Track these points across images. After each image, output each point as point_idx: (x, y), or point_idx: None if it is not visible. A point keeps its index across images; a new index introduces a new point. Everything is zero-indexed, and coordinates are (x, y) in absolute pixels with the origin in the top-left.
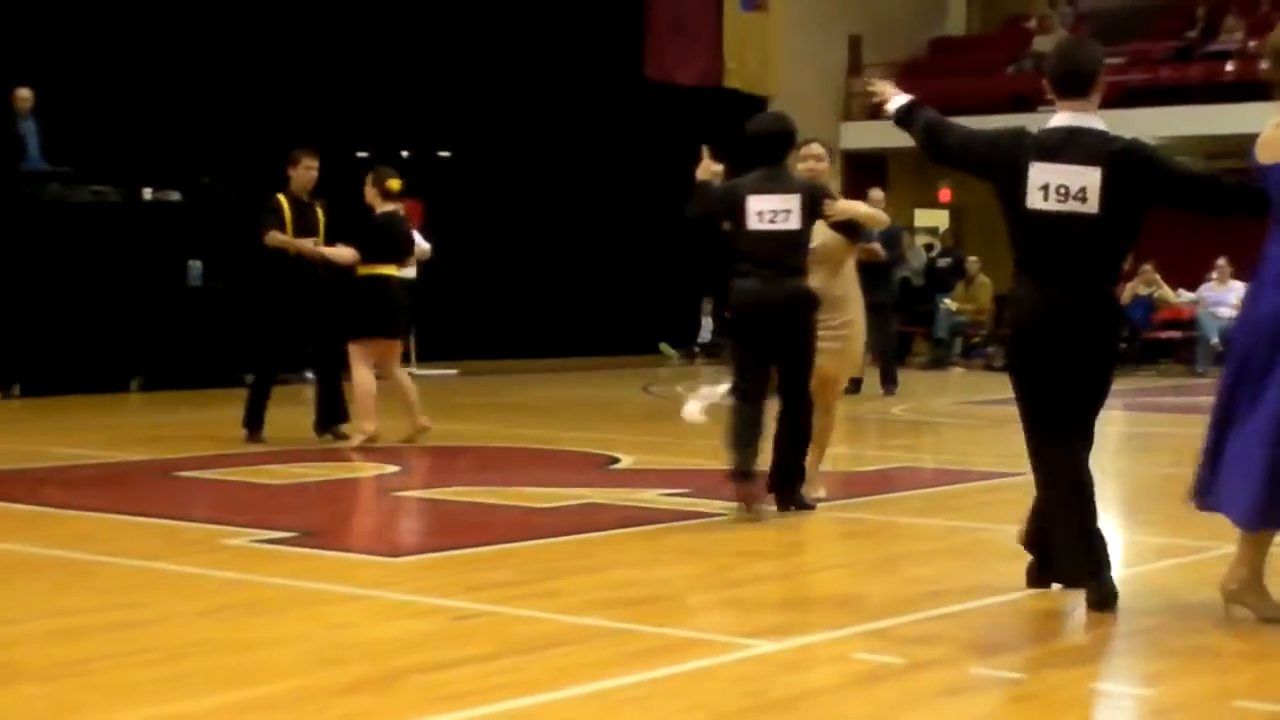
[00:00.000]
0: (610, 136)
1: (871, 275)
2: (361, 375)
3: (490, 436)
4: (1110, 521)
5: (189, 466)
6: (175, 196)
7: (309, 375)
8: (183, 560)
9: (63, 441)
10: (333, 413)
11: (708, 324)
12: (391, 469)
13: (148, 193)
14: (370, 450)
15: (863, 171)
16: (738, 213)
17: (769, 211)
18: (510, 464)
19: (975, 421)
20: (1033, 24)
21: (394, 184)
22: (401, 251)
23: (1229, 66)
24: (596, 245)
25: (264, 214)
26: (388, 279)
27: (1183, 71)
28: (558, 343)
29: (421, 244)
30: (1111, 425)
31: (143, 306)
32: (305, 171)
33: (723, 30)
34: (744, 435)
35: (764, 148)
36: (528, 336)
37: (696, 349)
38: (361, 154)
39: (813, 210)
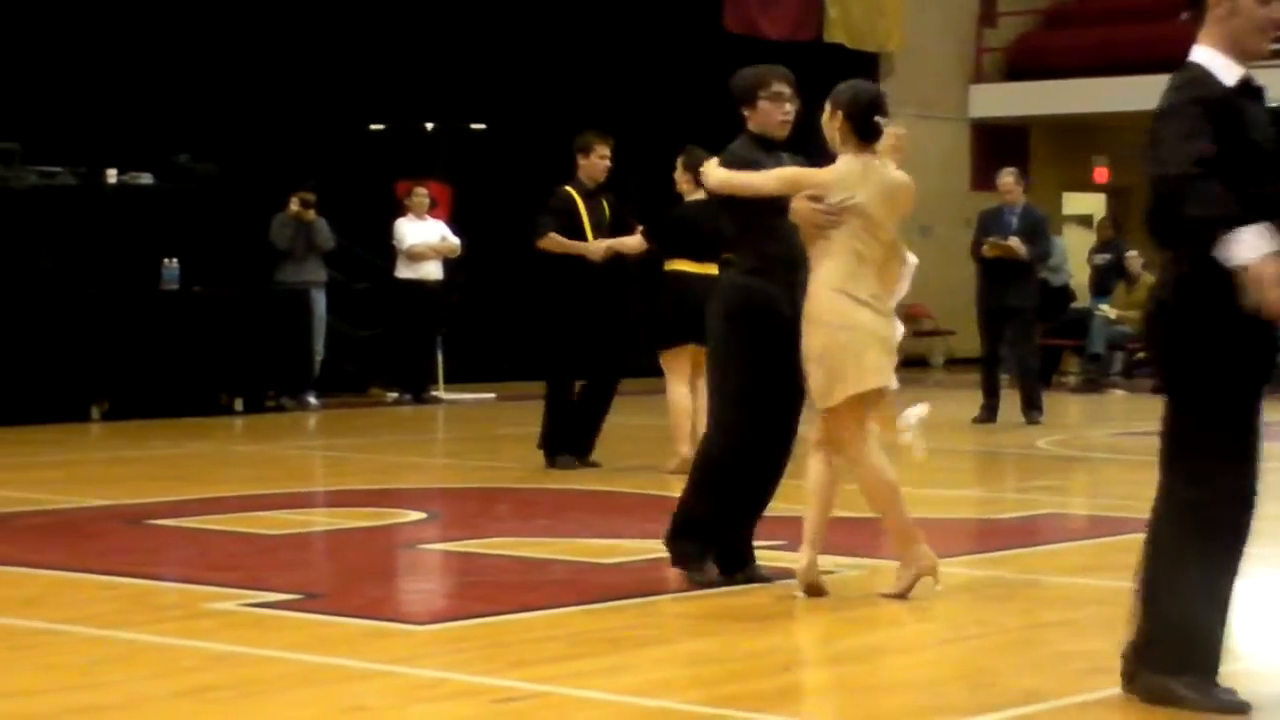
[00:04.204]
0: (683, 102)
1: (1010, 276)
2: (678, 391)
3: (537, 476)
4: None
5: (163, 513)
6: (146, 180)
7: (311, 400)
8: (156, 629)
9: (7, 482)
10: (590, 433)
11: None
12: (416, 516)
13: (112, 175)
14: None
15: (997, 145)
16: None
17: None
18: (562, 509)
19: (1142, 457)
20: None
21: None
22: (708, 247)
23: None
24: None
25: (544, 212)
26: (697, 277)
27: None
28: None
29: (450, 238)
30: None
31: (106, 316)
32: (598, 161)
33: None
34: None
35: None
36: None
37: None
38: (376, 126)
39: None
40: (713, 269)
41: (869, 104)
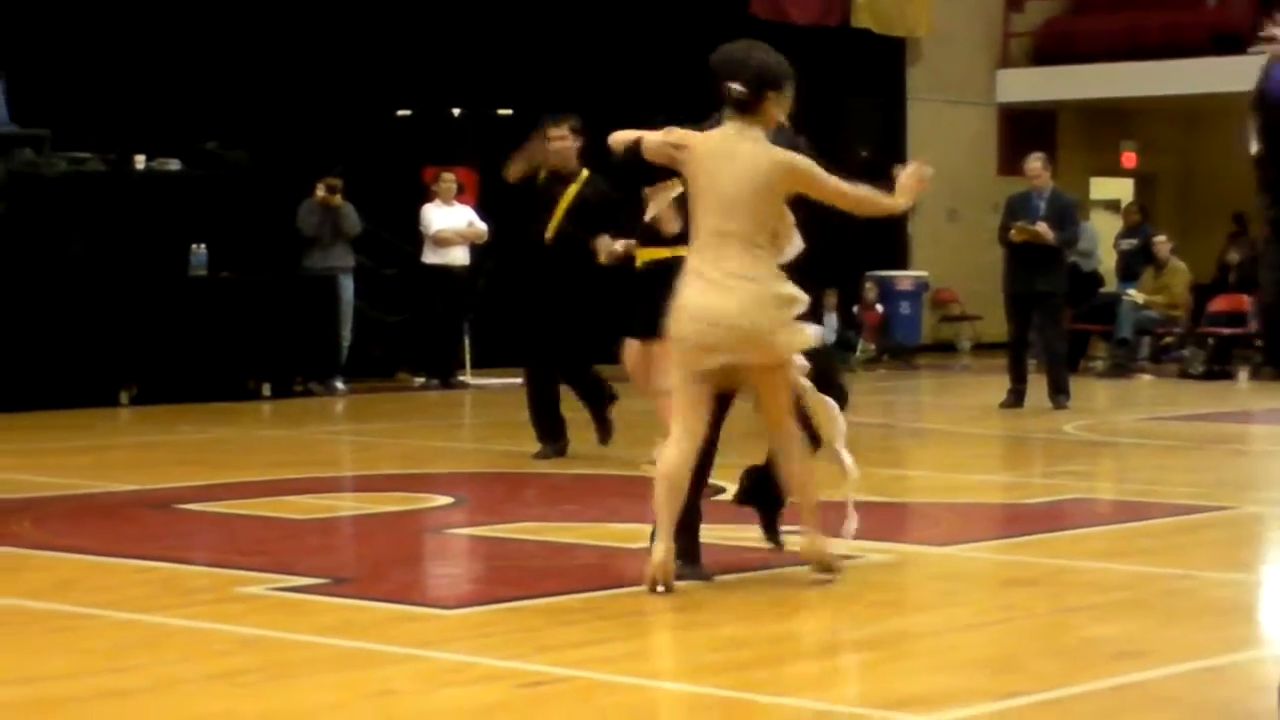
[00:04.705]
0: (710, 89)
1: (1038, 261)
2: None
3: (565, 460)
4: None
5: (192, 498)
6: (174, 166)
7: (339, 385)
8: (185, 613)
9: (37, 467)
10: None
11: (831, 321)
12: (443, 500)
13: (140, 161)
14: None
15: (1024, 130)
16: None
17: None
18: (590, 493)
19: (1168, 442)
20: None
21: None
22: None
23: None
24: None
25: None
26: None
27: None
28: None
29: (477, 223)
30: None
31: (134, 301)
32: (545, 144)
33: None
34: None
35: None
36: (611, 337)
37: None
38: (403, 112)
39: None
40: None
41: (761, 74)
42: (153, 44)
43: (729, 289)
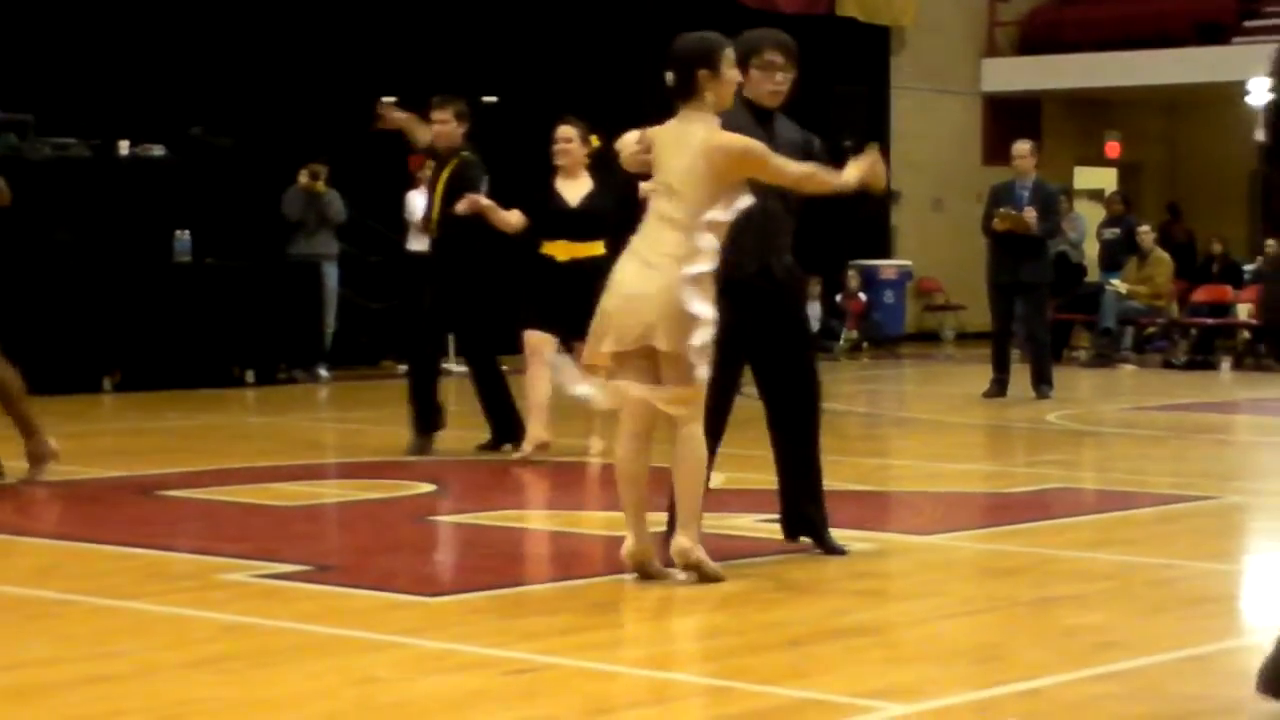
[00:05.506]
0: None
1: (1022, 251)
2: (538, 373)
3: (550, 447)
4: None
5: (175, 484)
6: (158, 152)
7: (322, 372)
8: (168, 600)
9: (19, 453)
10: (430, 414)
11: (814, 310)
12: (426, 488)
13: (124, 147)
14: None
15: (1009, 120)
16: None
17: None
18: (574, 481)
19: (1151, 431)
20: None
21: (594, 140)
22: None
23: None
24: None
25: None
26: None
27: None
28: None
29: None
30: None
31: (118, 287)
32: (434, 126)
33: None
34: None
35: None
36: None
37: None
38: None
39: None
40: (593, 249)
41: (686, 57)
42: (137, 29)
43: (659, 269)
